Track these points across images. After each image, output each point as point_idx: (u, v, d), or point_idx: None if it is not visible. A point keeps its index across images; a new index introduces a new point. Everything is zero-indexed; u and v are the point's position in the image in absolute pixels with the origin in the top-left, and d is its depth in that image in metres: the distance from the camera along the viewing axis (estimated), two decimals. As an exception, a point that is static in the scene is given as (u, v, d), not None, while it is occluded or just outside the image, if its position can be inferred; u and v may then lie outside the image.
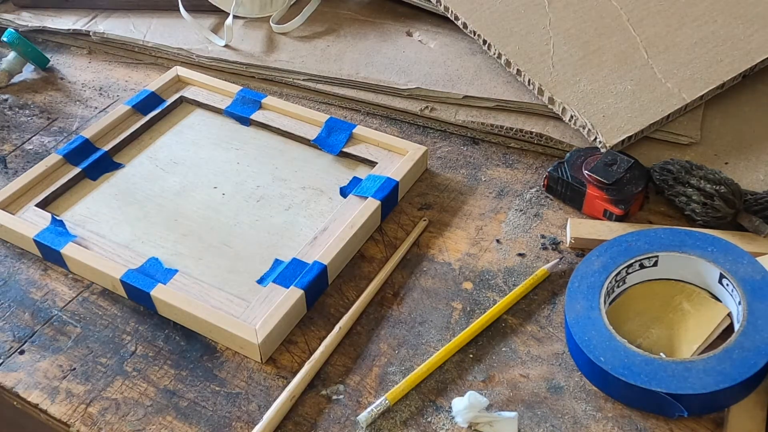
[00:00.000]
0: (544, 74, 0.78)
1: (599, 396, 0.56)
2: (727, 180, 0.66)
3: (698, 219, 0.67)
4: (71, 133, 0.84)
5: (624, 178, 0.69)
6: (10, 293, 0.66)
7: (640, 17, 0.84)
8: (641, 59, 0.79)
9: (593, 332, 0.57)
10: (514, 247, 0.69)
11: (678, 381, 0.52)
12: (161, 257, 0.66)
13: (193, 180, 0.76)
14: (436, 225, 0.71)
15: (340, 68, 0.86)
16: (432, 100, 0.83)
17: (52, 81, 0.92)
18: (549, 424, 0.55)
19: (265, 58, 0.90)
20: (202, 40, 0.93)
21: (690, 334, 0.59)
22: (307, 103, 0.86)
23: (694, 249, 0.61)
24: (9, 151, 0.82)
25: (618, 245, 0.62)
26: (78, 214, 0.72)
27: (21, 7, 1.01)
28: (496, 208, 0.72)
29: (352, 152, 0.76)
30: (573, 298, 0.59)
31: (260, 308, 0.61)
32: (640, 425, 0.55)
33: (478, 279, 0.66)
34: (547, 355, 0.59)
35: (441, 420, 0.55)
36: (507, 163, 0.78)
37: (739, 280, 0.58)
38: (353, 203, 0.70)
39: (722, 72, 0.77)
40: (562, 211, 0.72)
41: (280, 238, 0.69)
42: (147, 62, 0.95)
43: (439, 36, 0.91)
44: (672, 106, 0.74)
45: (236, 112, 0.82)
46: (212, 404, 0.57)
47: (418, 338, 0.61)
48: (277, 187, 0.74)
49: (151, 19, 0.97)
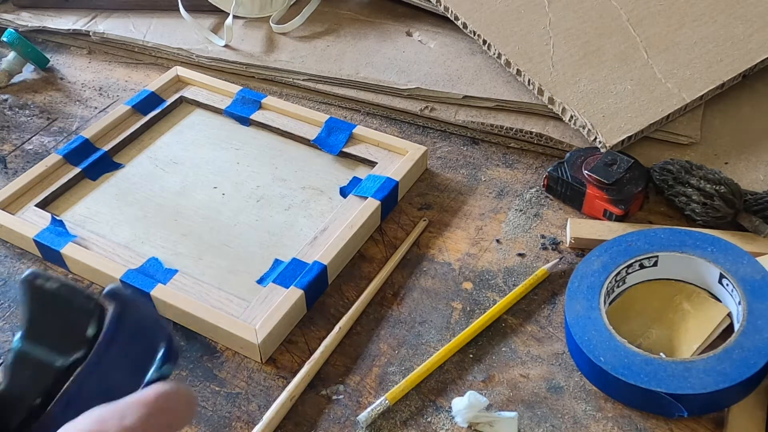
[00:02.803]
0: (544, 74, 0.78)
1: (599, 396, 0.56)
2: (727, 180, 0.66)
3: (698, 219, 0.67)
4: (71, 133, 0.84)
5: (624, 178, 0.69)
6: (10, 293, 0.66)
7: (640, 17, 0.84)
8: (641, 59, 0.79)
9: (593, 332, 0.57)
10: (514, 247, 0.69)
11: (678, 381, 0.52)
12: (161, 257, 0.66)
13: (193, 180, 0.76)
14: (436, 225, 0.71)
15: (340, 68, 0.86)
16: (432, 100, 0.83)
17: (52, 81, 0.92)
18: (549, 424, 0.55)
19: (265, 58, 0.90)
20: (202, 40, 0.93)
21: (690, 334, 0.59)
22: (307, 103, 0.86)
23: (694, 249, 0.61)
24: (9, 151, 0.82)
25: (618, 245, 0.62)
26: (78, 214, 0.72)
27: (21, 7, 1.01)
28: (496, 208, 0.72)
29: (352, 152, 0.76)
30: (573, 298, 0.59)
31: (260, 308, 0.61)
32: (640, 425, 0.55)
33: (478, 279, 0.66)
34: (547, 355, 0.59)
35: (441, 420, 0.55)
36: (507, 163, 0.78)
37: (739, 280, 0.58)
38: (353, 203, 0.70)
39: (722, 72, 0.77)
40: (562, 211, 0.72)
41: (280, 238, 0.69)
42: (147, 62, 0.95)
43: (439, 36, 0.91)
44: (672, 106, 0.74)
45: (236, 112, 0.82)
46: (212, 404, 0.57)
47: (418, 338, 0.61)
48: (277, 187, 0.74)
49: (151, 19, 0.97)
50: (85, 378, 0.33)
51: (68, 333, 0.33)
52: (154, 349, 0.33)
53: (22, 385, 0.33)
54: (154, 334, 0.33)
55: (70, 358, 0.33)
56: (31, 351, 0.33)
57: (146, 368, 0.32)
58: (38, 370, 0.33)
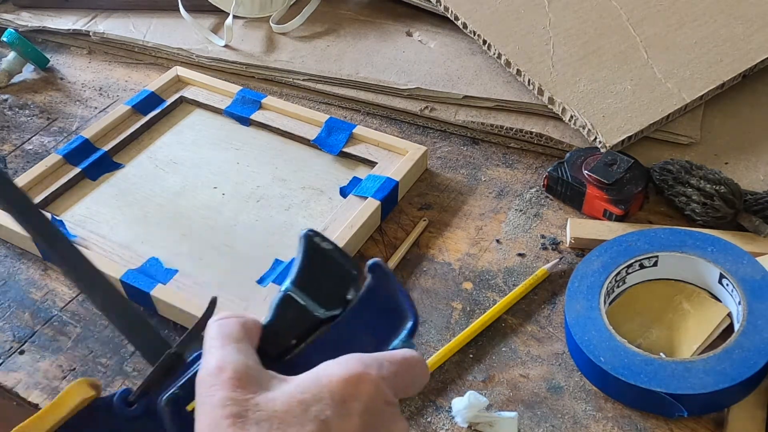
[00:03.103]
0: (544, 74, 0.78)
1: (599, 396, 0.56)
2: (727, 180, 0.66)
3: (698, 219, 0.67)
4: (71, 133, 0.84)
5: (624, 178, 0.69)
6: (10, 293, 0.66)
7: (640, 17, 0.84)
8: (641, 59, 0.79)
9: (593, 332, 0.57)
10: (514, 247, 0.69)
11: (678, 381, 0.52)
12: (161, 257, 0.66)
13: (193, 180, 0.76)
14: (436, 225, 0.71)
15: (340, 68, 0.86)
16: (432, 100, 0.83)
17: (52, 81, 0.92)
18: (549, 424, 0.55)
19: (265, 58, 0.90)
20: (202, 40, 0.93)
21: (690, 334, 0.59)
22: (307, 103, 0.86)
23: (694, 249, 0.61)
24: (9, 151, 0.82)
25: (618, 245, 0.62)
26: (78, 214, 0.72)
27: (21, 7, 1.01)
28: (496, 208, 0.72)
29: (352, 152, 0.76)
30: (573, 298, 0.59)
31: (260, 308, 0.61)
32: (640, 425, 0.55)
33: (478, 279, 0.66)
34: (547, 355, 0.59)
35: (441, 420, 0.55)
36: (507, 163, 0.78)
37: (739, 280, 0.58)
38: (353, 203, 0.70)
39: (722, 72, 0.77)
40: (562, 211, 0.72)
41: (280, 238, 0.69)
42: (147, 62, 0.95)
43: (439, 36, 0.91)
44: (672, 106, 0.74)
45: (236, 112, 0.82)
46: (212, 404, 0.57)
47: (418, 338, 0.61)
48: (277, 187, 0.74)
49: (151, 19, 0.97)
50: (336, 333, 0.37)
51: (331, 290, 0.38)
52: (397, 322, 0.38)
53: (284, 323, 0.38)
54: (401, 310, 0.38)
55: (328, 312, 0.38)
56: (297, 296, 0.38)
57: (386, 336, 0.37)
58: (299, 314, 0.37)
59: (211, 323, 0.37)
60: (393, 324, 0.38)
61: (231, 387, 0.32)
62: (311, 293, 0.38)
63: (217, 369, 0.33)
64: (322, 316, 0.38)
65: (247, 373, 0.33)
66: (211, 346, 0.35)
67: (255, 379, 0.33)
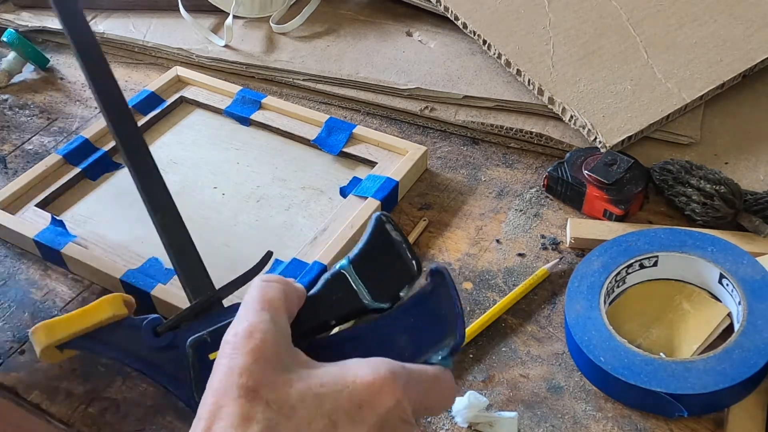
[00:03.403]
0: (544, 74, 0.78)
1: (599, 396, 0.56)
2: (727, 180, 0.66)
3: (698, 219, 0.67)
4: (71, 133, 0.84)
5: (624, 178, 0.69)
6: (10, 293, 0.66)
7: (640, 17, 0.84)
8: (641, 59, 0.79)
9: (593, 332, 0.57)
10: (514, 247, 0.69)
11: (678, 381, 0.52)
12: (161, 257, 0.66)
13: (193, 180, 0.76)
14: (436, 225, 0.71)
15: (340, 68, 0.86)
16: (432, 100, 0.83)
17: (52, 81, 0.92)
18: (549, 424, 0.55)
19: (265, 58, 0.90)
20: (202, 40, 0.93)
21: (690, 334, 0.59)
22: (307, 103, 0.86)
23: (694, 249, 0.61)
24: (9, 151, 0.82)
25: (618, 245, 0.62)
26: (78, 214, 0.72)
27: (21, 7, 1.01)
28: (496, 208, 0.72)
29: (352, 152, 0.76)
30: (573, 298, 0.59)
31: (260, 308, 0.61)
32: (640, 425, 0.55)
33: (478, 279, 0.66)
34: (547, 355, 0.59)
35: (441, 420, 0.55)
36: (507, 163, 0.78)
37: (739, 280, 0.58)
38: (353, 203, 0.70)
39: (722, 72, 0.77)
40: (562, 211, 0.72)
41: (280, 238, 0.69)
42: (147, 62, 0.95)
43: (439, 36, 0.91)
44: (672, 106, 0.74)
45: (236, 112, 0.82)
46: (212, 404, 0.57)
47: (418, 338, 0.61)
48: (277, 187, 0.74)
49: (151, 19, 0.97)
50: (378, 327, 0.36)
51: (386, 282, 0.36)
52: (441, 335, 0.36)
53: (329, 299, 0.36)
54: (449, 324, 0.36)
55: (375, 304, 0.36)
56: (350, 277, 0.36)
57: (426, 346, 0.35)
58: (347, 296, 0.36)
59: (256, 280, 0.36)
60: (436, 336, 0.36)
61: (254, 357, 0.32)
62: (365, 279, 0.36)
63: (247, 332, 0.32)
64: (368, 306, 0.36)
65: (273, 347, 0.32)
66: (249, 307, 0.34)
67: (279, 357, 0.32)
